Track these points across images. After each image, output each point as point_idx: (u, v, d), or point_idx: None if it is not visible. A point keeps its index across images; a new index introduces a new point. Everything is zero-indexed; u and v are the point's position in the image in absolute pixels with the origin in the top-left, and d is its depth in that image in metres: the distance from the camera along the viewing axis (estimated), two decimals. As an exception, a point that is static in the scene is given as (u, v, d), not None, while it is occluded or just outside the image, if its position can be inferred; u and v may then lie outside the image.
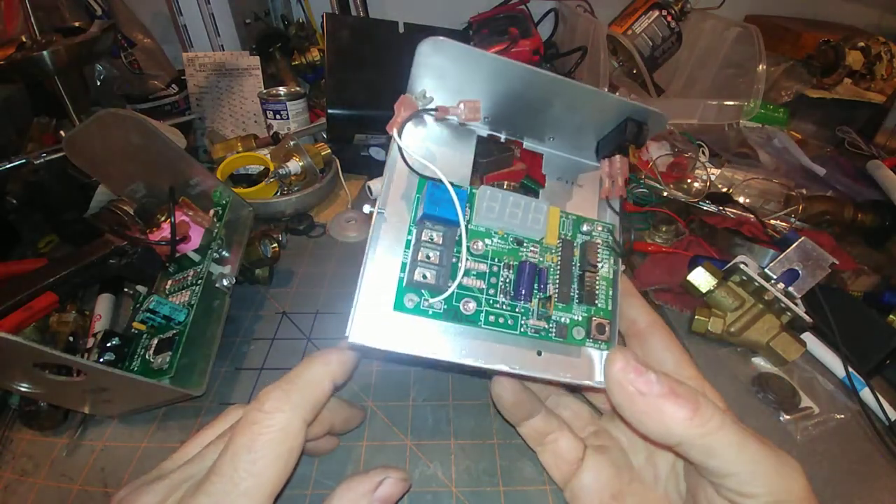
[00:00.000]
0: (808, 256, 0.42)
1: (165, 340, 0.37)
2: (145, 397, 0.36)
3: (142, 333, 0.39)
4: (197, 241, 0.44)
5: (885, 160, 0.69)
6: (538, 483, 0.32)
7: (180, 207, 0.45)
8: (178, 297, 0.41)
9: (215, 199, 0.49)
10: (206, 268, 0.42)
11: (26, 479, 0.33)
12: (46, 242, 0.57)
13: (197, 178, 0.47)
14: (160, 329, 0.39)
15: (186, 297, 0.40)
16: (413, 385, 0.39)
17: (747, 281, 0.42)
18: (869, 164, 0.68)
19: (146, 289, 0.44)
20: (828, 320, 0.41)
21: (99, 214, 0.54)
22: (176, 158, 0.45)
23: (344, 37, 0.66)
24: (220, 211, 0.48)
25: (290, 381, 0.24)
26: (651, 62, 0.88)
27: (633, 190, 0.62)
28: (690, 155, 0.67)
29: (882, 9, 1.02)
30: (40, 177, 0.53)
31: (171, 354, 0.36)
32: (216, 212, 0.48)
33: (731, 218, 0.56)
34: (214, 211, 0.48)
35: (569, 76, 0.84)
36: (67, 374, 0.32)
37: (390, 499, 0.25)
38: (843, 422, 0.37)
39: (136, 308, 0.42)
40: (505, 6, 0.93)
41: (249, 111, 0.76)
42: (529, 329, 0.28)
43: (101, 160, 0.44)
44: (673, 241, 0.55)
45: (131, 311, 0.44)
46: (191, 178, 0.47)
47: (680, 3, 0.86)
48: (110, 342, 0.37)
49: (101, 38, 0.60)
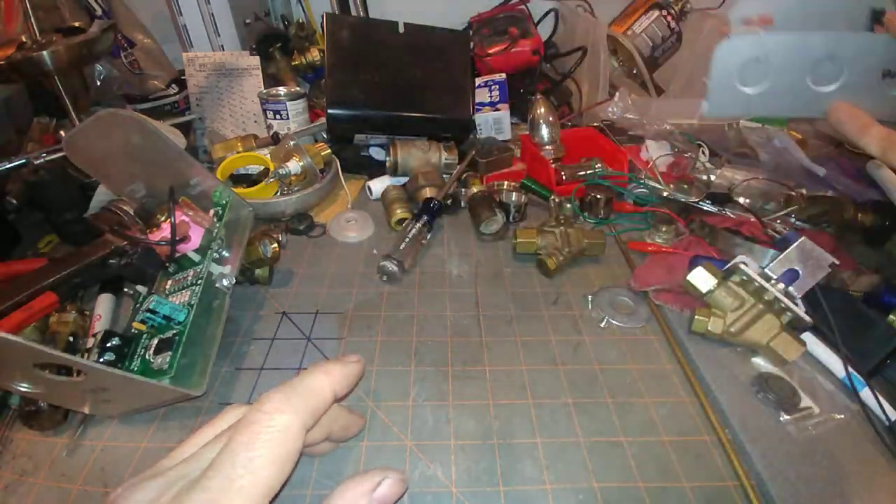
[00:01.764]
0: (808, 256, 0.42)
1: (165, 340, 0.37)
2: (145, 397, 0.36)
3: (142, 333, 0.39)
4: (197, 241, 0.45)
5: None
6: (538, 483, 0.32)
7: (180, 207, 0.45)
8: (178, 297, 0.41)
9: (215, 199, 0.49)
10: (206, 268, 0.42)
11: (26, 480, 0.33)
12: (46, 242, 0.57)
13: (197, 179, 0.47)
14: (160, 329, 0.39)
15: (186, 297, 0.40)
16: (413, 385, 0.39)
17: (747, 281, 0.42)
18: (869, 164, 0.68)
19: (146, 289, 0.44)
20: (828, 320, 0.41)
21: (99, 214, 0.54)
22: (176, 158, 0.45)
23: (344, 37, 0.67)
24: (220, 211, 0.48)
25: (292, 387, 0.24)
26: (651, 62, 0.88)
27: (633, 190, 0.62)
28: (690, 155, 0.67)
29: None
30: (40, 177, 0.53)
31: (171, 354, 0.36)
32: (216, 212, 0.48)
33: (731, 218, 0.56)
34: (214, 211, 0.48)
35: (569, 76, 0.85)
36: (68, 374, 0.32)
37: (389, 499, 0.25)
38: (843, 422, 0.37)
39: (136, 308, 0.42)
40: (505, 6, 0.93)
41: (249, 111, 0.76)
42: None
43: (101, 160, 0.44)
44: (673, 241, 0.55)
45: (131, 311, 0.44)
46: (191, 178, 0.47)
47: (680, 3, 0.86)
48: (110, 342, 0.37)
49: (101, 38, 0.60)
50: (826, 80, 0.41)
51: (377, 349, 0.42)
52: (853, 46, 0.40)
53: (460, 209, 0.63)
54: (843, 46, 0.39)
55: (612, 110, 0.74)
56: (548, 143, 0.65)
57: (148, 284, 0.44)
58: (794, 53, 0.41)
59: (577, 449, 0.34)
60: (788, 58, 0.41)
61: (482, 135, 0.76)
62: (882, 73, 0.40)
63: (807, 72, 0.41)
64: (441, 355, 0.42)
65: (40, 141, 0.68)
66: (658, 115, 0.72)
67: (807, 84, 0.41)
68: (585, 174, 0.64)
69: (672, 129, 0.70)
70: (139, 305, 0.42)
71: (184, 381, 0.36)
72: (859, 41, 0.40)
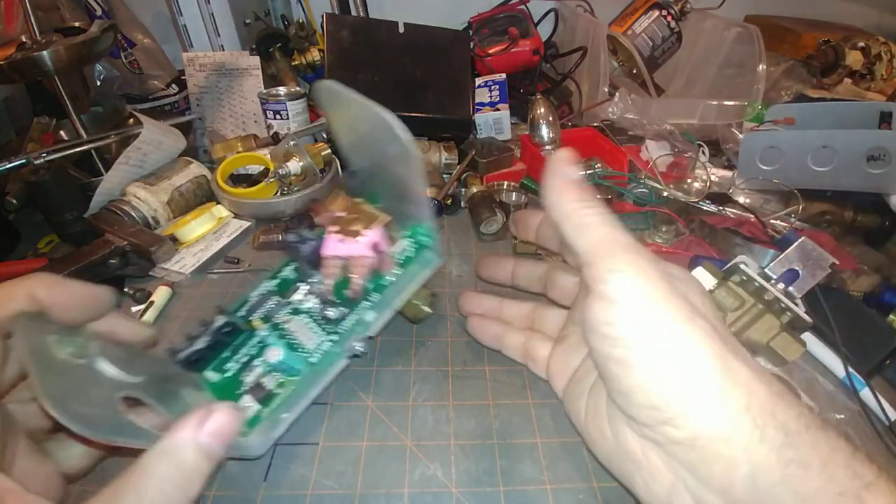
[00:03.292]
0: (808, 256, 0.42)
1: (260, 389, 0.30)
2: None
3: (251, 335, 0.32)
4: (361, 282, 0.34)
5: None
6: (538, 483, 0.32)
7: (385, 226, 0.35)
8: (302, 332, 0.32)
9: (411, 233, 0.37)
10: (359, 315, 0.33)
11: (26, 480, 0.33)
12: (46, 242, 0.58)
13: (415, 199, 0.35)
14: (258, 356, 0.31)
15: (314, 342, 0.32)
16: (413, 385, 0.39)
17: (747, 281, 0.42)
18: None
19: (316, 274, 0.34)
20: (828, 320, 0.41)
21: (99, 214, 0.54)
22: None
23: (344, 37, 0.66)
24: (412, 251, 0.36)
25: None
26: (651, 62, 0.88)
27: (633, 190, 0.62)
28: (690, 155, 0.67)
29: (882, 9, 1.02)
30: (40, 177, 0.53)
31: (260, 409, 0.29)
32: (404, 252, 0.36)
33: (731, 218, 0.56)
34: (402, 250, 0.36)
35: (569, 76, 0.85)
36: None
37: (222, 432, 0.22)
38: (843, 422, 0.37)
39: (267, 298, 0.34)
40: (505, 6, 0.92)
41: (249, 111, 0.76)
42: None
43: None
44: (673, 241, 0.55)
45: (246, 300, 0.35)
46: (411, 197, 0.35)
47: (680, 3, 0.86)
48: (220, 328, 0.32)
49: (101, 38, 0.60)
50: (823, 162, 0.57)
51: (377, 349, 0.42)
52: (842, 139, 0.56)
53: (460, 209, 0.63)
54: (834, 139, 0.56)
55: (612, 110, 0.74)
56: (548, 143, 0.65)
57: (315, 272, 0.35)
58: (798, 144, 0.58)
59: (577, 449, 0.34)
60: (794, 147, 0.58)
61: (482, 135, 0.76)
62: (867, 157, 0.55)
63: (808, 156, 0.57)
64: (441, 355, 0.42)
65: (40, 141, 0.68)
66: (658, 115, 0.72)
67: (808, 164, 0.57)
68: (585, 174, 0.64)
69: (672, 129, 0.70)
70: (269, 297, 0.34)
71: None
72: (848, 136, 0.56)
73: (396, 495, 0.31)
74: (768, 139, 0.60)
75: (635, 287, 0.21)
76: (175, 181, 0.59)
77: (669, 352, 0.21)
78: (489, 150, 0.67)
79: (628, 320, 0.21)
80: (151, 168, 0.60)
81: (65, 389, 0.21)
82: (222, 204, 0.60)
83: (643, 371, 0.21)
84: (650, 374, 0.21)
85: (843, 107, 0.65)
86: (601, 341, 0.23)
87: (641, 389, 0.21)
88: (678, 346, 0.21)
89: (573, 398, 0.30)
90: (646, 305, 0.21)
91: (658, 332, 0.21)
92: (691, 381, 0.21)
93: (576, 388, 0.30)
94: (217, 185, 0.60)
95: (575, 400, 0.30)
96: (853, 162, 0.55)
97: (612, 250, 0.22)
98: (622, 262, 0.22)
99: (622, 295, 0.21)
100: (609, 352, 0.22)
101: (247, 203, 0.59)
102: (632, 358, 0.21)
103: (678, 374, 0.21)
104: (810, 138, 0.57)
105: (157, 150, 0.60)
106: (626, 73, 0.91)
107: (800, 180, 0.58)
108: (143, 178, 0.58)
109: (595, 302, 0.22)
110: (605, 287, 0.22)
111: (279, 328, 0.33)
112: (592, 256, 0.22)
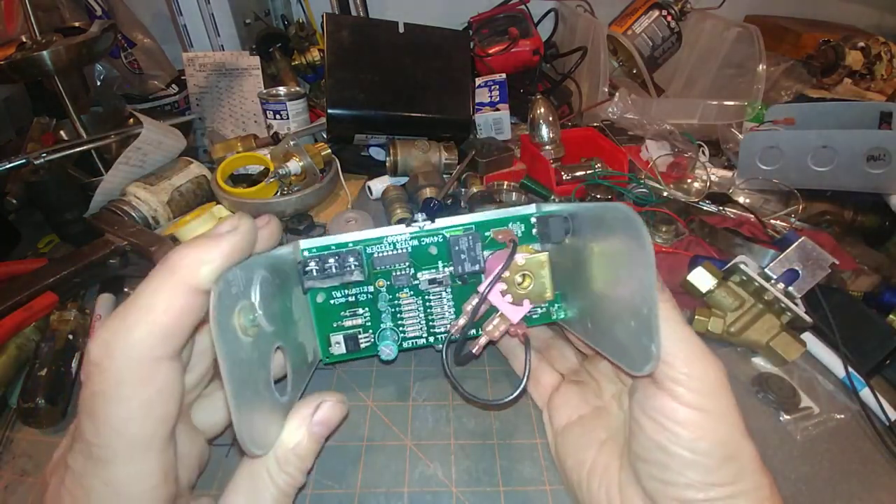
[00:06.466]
0: (808, 256, 0.42)
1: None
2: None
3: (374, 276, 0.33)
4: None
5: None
6: (538, 483, 0.32)
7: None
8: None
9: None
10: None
11: (26, 479, 0.33)
12: (46, 242, 0.58)
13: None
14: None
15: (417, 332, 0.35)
16: (413, 385, 0.39)
17: (747, 281, 0.42)
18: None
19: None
20: (828, 320, 0.41)
21: (99, 214, 0.54)
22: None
23: (344, 37, 0.66)
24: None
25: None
26: (651, 62, 0.88)
27: (633, 190, 0.62)
28: (690, 155, 0.67)
29: (882, 9, 1.02)
30: (40, 177, 0.53)
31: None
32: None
33: (731, 218, 0.56)
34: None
35: (569, 76, 0.85)
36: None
37: (330, 421, 0.27)
38: (843, 422, 0.37)
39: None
40: (505, 6, 0.92)
41: (249, 111, 0.76)
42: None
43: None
44: (673, 241, 0.55)
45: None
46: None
47: (680, 3, 0.86)
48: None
49: (101, 38, 0.60)
50: (823, 162, 0.57)
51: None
52: (842, 139, 0.55)
53: (460, 209, 0.63)
54: (834, 140, 0.56)
55: (612, 110, 0.74)
56: (548, 143, 0.65)
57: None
58: (798, 144, 0.58)
59: (577, 449, 0.34)
60: (794, 147, 0.58)
61: (482, 135, 0.76)
62: (866, 157, 0.55)
63: (808, 156, 0.57)
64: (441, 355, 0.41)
65: (40, 141, 0.68)
66: (658, 115, 0.72)
67: (808, 164, 0.57)
68: (585, 174, 0.64)
69: (672, 129, 0.70)
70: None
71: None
72: (848, 136, 0.55)
73: (396, 495, 0.31)
74: (768, 139, 0.60)
75: (707, 401, 0.24)
76: (175, 181, 0.59)
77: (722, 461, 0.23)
78: (489, 150, 0.67)
79: (693, 426, 0.23)
80: (151, 168, 0.60)
81: (244, 380, 0.22)
82: (222, 204, 0.60)
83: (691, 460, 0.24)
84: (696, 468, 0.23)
85: (843, 107, 0.65)
86: (657, 429, 0.24)
87: (684, 472, 0.24)
88: (730, 458, 0.23)
89: (578, 446, 0.30)
90: (713, 419, 0.24)
91: (717, 444, 0.23)
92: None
93: (582, 436, 0.30)
94: (217, 185, 0.60)
95: (580, 449, 0.30)
96: (853, 162, 0.55)
97: (692, 356, 0.24)
98: (700, 371, 0.24)
99: (694, 403, 0.24)
100: (663, 441, 0.24)
101: (247, 203, 0.59)
102: (682, 453, 0.24)
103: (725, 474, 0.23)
104: (810, 138, 0.57)
105: (157, 150, 0.59)
106: (626, 73, 0.91)
107: (800, 180, 0.58)
108: (143, 178, 0.58)
109: (664, 395, 0.24)
110: (679, 389, 0.24)
111: (395, 301, 0.34)
112: (670, 356, 0.24)
